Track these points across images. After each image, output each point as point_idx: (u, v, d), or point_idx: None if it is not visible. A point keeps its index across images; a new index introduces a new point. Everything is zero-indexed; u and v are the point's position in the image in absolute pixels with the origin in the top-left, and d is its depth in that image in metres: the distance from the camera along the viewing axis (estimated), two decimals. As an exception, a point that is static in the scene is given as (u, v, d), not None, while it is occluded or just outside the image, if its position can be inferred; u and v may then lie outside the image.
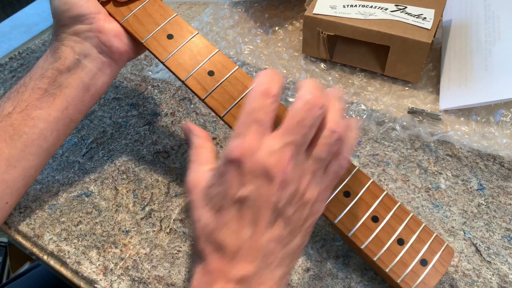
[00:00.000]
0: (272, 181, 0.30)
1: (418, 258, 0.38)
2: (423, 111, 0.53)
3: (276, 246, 0.31)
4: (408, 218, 0.38)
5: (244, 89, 0.40)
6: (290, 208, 0.31)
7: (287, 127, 0.30)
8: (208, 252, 0.31)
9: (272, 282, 0.31)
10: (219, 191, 0.31)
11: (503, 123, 0.51)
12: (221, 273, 0.30)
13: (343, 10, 0.55)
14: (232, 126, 0.39)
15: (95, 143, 0.54)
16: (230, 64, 0.41)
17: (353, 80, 0.58)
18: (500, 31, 0.53)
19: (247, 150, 0.30)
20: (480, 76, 0.52)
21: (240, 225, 0.30)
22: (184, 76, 0.41)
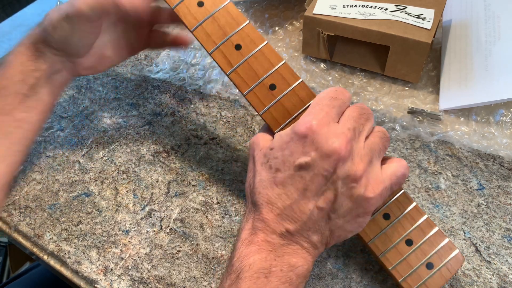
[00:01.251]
0: (330, 156, 0.33)
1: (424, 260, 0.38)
2: (423, 111, 0.53)
3: (319, 216, 0.34)
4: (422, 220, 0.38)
5: (270, 67, 0.39)
6: (341, 184, 0.34)
7: (350, 115, 0.35)
8: (260, 203, 0.35)
9: (306, 244, 0.35)
10: (280, 155, 0.35)
11: (503, 123, 0.51)
12: (268, 224, 0.35)
13: (343, 10, 0.55)
14: (252, 103, 0.39)
15: (95, 143, 0.54)
16: (259, 39, 0.39)
17: (353, 80, 0.58)
18: (500, 31, 0.53)
19: (316, 126, 0.34)
20: (480, 76, 0.52)
21: (291, 188, 0.34)
22: (211, 48, 0.40)
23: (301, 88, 0.38)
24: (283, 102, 0.38)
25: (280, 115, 0.38)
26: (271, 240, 0.35)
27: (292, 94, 0.38)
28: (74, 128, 0.56)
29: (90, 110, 0.57)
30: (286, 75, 0.39)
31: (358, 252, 0.44)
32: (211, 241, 0.45)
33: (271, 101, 0.38)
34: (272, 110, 0.38)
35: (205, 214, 0.47)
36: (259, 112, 0.39)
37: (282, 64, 0.39)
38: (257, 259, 0.34)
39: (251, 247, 0.35)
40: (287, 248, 0.35)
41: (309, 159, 0.34)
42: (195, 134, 0.54)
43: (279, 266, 0.34)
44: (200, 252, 0.45)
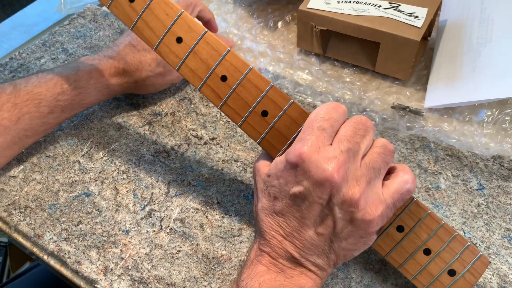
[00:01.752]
0: (323, 185, 0.33)
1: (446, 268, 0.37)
2: (406, 107, 0.53)
3: (320, 241, 0.35)
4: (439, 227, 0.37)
5: (259, 93, 0.38)
6: (338, 210, 0.33)
7: (344, 135, 0.34)
8: (263, 230, 0.36)
9: (313, 267, 0.35)
10: (277, 184, 0.35)
11: (485, 123, 0.51)
12: (273, 249, 0.36)
13: (337, 6, 0.56)
14: (249, 134, 0.38)
15: (95, 143, 0.54)
16: (242, 65, 0.38)
17: (343, 74, 0.59)
18: (493, 34, 0.53)
19: (306, 154, 0.33)
20: (467, 76, 0.52)
21: (290, 217, 0.35)
22: (198, 84, 0.39)
23: (293, 109, 0.37)
24: (277, 127, 0.37)
25: (277, 141, 0.38)
26: (278, 264, 0.35)
27: (285, 117, 0.37)
28: (74, 128, 0.56)
29: (90, 110, 0.57)
30: (276, 98, 0.37)
31: (358, 252, 0.44)
32: (211, 241, 0.45)
33: (266, 129, 0.38)
34: (268, 137, 0.38)
35: (205, 214, 0.47)
36: (255, 141, 0.38)
37: (270, 88, 0.37)
38: (267, 278, 0.35)
39: (260, 267, 0.35)
40: (294, 270, 0.35)
41: (302, 189, 0.33)
42: (195, 134, 0.54)
43: (289, 286, 0.35)
44: (200, 252, 0.45)
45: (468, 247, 0.37)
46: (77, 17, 0.70)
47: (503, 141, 0.50)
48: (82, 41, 0.66)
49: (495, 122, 0.51)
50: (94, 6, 0.72)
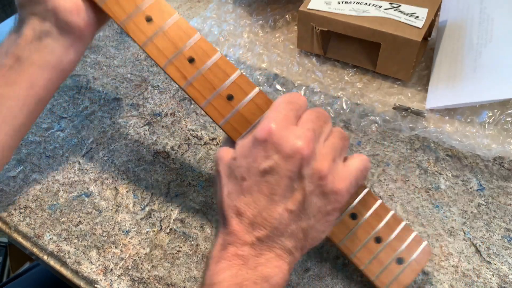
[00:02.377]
0: (293, 157, 0.33)
1: (394, 256, 0.38)
2: (408, 108, 0.53)
3: (290, 219, 0.34)
4: (389, 216, 0.39)
5: (226, 78, 0.38)
6: (308, 183, 0.34)
7: (308, 118, 0.36)
8: (230, 217, 0.35)
9: (280, 251, 0.34)
10: (244, 163, 0.35)
11: (486, 124, 0.51)
12: (238, 236, 0.34)
13: (337, 6, 0.56)
14: (210, 115, 0.38)
15: (95, 143, 0.54)
16: (211, 50, 0.39)
17: (343, 75, 0.59)
18: (493, 34, 0.53)
19: (275, 129, 0.34)
20: (468, 77, 0.52)
21: (258, 195, 0.34)
22: (163, 62, 0.39)
23: (258, 97, 0.38)
24: (242, 112, 0.38)
25: (240, 125, 0.38)
26: (241, 253, 0.34)
27: (251, 103, 0.38)
28: (74, 128, 0.56)
29: (90, 110, 0.57)
30: (243, 85, 0.38)
31: (358, 253, 0.44)
32: (211, 241, 0.45)
33: (230, 112, 0.38)
34: (232, 121, 0.38)
35: (205, 214, 0.47)
36: (218, 124, 0.38)
37: (238, 75, 0.38)
38: (227, 276, 0.33)
39: (221, 263, 0.34)
40: (260, 258, 0.34)
41: (273, 163, 0.33)
42: (195, 134, 0.54)
43: (251, 279, 0.33)
44: (200, 252, 0.45)
45: (415, 236, 0.39)
46: (77, 17, 0.70)
47: (505, 142, 0.50)
48: (82, 41, 0.66)
49: (497, 123, 0.51)
50: (94, 6, 0.71)
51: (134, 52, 0.64)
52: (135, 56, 0.64)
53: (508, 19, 0.53)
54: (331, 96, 0.56)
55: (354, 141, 0.53)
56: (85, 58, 0.64)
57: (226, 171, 0.36)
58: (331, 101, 0.56)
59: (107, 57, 0.64)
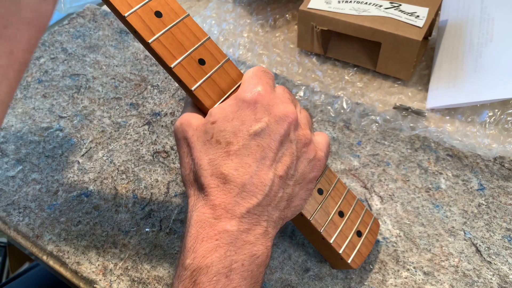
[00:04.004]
0: (284, 120, 0.33)
1: (354, 229, 0.40)
2: (408, 108, 0.53)
3: (279, 185, 0.33)
4: (346, 192, 0.41)
5: (196, 41, 0.36)
6: (295, 147, 0.34)
7: (282, 89, 0.36)
8: (213, 187, 0.32)
9: (267, 223, 0.33)
10: (229, 126, 0.33)
11: (487, 124, 0.51)
12: (225, 208, 0.31)
13: (338, 6, 0.56)
14: (181, 78, 0.35)
15: (94, 143, 0.54)
16: (179, 9, 0.37)
17: (344, 75, 0.59)
18: (493, 33, 0.53)
19: (263, 91, 0.34)
20: (469, 77, 0.52)
21: (248, 159, 0.32)
22: (126, 11, 0.35)
23: (230, 67, 0.37)
24: (215, 79, 0.36)
25: (214, 93, 0.36)
26: (229, 229, 0.31)
27: (223, 72, 0.37)
28: (73, 128, 0.56)
29: (89, 110, 0.57)
30: (213, 51, 0.37)
31: (358, 253, 0.44)
32: (210, 241, 0.45)
33: (203, 77, 0.36)
34: (205, 87, 0.36)
35: (204, 214, 0.47)
36: (190, 88, 0.35)
37: (207, 39, 0.37)
38: (215, 258, 0.30)
39: (207, 243, 0.31)
40: (248, 234, 0.32)
41: (264, 124, 0.33)
42: (194, 134, 0.54)
43: (240, 261, 0.31)
44: (199, 252, 0.45)
45: (366, 211, 0.41)
46: (77, 17, 0.69)
47: (505, 142, 0.50)
48: (81, 40, 0.66)
49: (497, 122, 0.51)
50: (94, 5, 0.71)
51: (134, 52, 0.64)
52: (134, 56, 0.64)
53: (509, 19, 0.53)
54: (332, 96, 0.56)
55: (355, 141, 0.52)
56: (84, 57, 0.64)
57: (202, 138, 0.34)
58: (331, 100, 0.56)
59: (107, 56, 0.64)
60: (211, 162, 0.33)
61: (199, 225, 0.31)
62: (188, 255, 0.31)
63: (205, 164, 0.33)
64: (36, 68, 0.62)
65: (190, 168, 0.34)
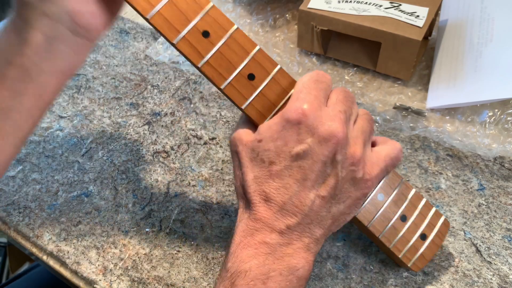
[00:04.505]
0: (328, 141, 0.32)
1: (418, 233, 0.38)
2: (408, 108, 0.53)
3: (321, 206, 0.33)
4: (412, 194, 0.39)
5: (245, 55, 0.35)
6: (341, 168, 0.33)
7: (337, 99, 0.34)
8: (256, 202, 0.33)
9: (309, 240, 0.33)
10: (272, 147, 0.33)
11: (487, 124, 0.51)
12: (266, 223, 0.33)
13: (338, 6, 0.56)
14: (231, 97, 0.35)
15: (94, 143, 0.54)
16: (227, 23, 0.35)
17: (344, 75, 0.59)
18: (493, 33, 0.53)
19: (308, 111, 0.32)
20: (469, 77, 0.52)
21: (289, 180, 0.32)
22: (174, 37, 0.34)
23: (281, 76, 0.36)
24: (265, 93, 0.35)
25: (264, 108, 0.35)
26: (269, 241, 0.32)
27: (273, 83, 0.35)
28: (73, 128, 0.56)
29: (89, 109, 0.57)
30: (263, 62, 0.35)
31: (358, 252, 0.44)
32: (210, 242, 0.45)
33: (253, 93, 0.35)
34: (255, 103, 0.35)
35: (205, 214, 0.47)
36: (241, 107, 0.35)
37: (257, 51, 0.35)
38: (253, 264, 0.32)
39: (247, 250, 0.33)
40: (287, 248, 0.33)
41: (307, 146, 0.32)
42: (195, 134, 0.54)
43: (278, 270, 0.32)
44: (199, 252, 0.45)
45: (435, 211, 0.39)
46: (77, 17, 0.69)
47: (505, 142, 0.50)
48: (81, 40, 0.66)
49: (497, 122, 0.51)
50: (94, 5, 0.71)
51: (134, 52, 0.64)
52: (134, 56, 0.64)
53: (509, 18, 0.53)
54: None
55: (354, 141, 0.52)
56: (85, 57, 0.64)
57: (249, 154, 0.34)
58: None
59: (107, 56, 0.64)
60: (255, 179, 0.34)
61: (242, 235, 0.33)
62: (230, 258, 0.33)
63: (250, 180, 0.34)
64: (36, 68, 0.62)
65: (240, 181, 0.35)
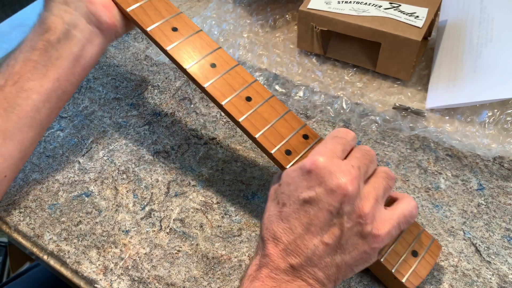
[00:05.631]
0: (335, 192, 0.34)
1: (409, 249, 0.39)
2: (408, 108, 0.53)
3: (324, 252, 0.34)
4: None
5: (244, 83, 0.42)
6: (347, 219, 0.34)
7: (354, 156, 0.37)
8: (266, 239, 0.36)
9: (313, 281, 0.35)
10: (286, 190, 0.36)
11: (486, 124, 0.51)
12: (272, 259, 0.35)
13: (337, 6, 0.56)
14: (231, 113, 0.41)
15: (95, 143, 0.54)
16: (231, 60, 0.43)
17: (344, 75, 0.59)
18: (493, 34, 0.53)
19: (321, 162, 0.35)
20: (468, 77, 0.52)
21: (296, 222, 0.35)
22: (187, 64, 0.42)
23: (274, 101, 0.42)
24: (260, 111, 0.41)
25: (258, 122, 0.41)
26: (275, 276, 0.34)
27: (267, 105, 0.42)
28: (74, 128, 0.56)
29: (90, 110, 0.57)
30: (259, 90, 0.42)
31: (358, 252, 0.44)
32: (211, 241, 0.45)
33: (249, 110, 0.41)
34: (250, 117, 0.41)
35: (205, 214, 0.47)
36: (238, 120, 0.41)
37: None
38: None
39: (255, 283, 0.35)
40: (292, 284, 0.34)
41: (314, 194, 0.34)
42: (195, 134, 0.54)
43: None
44: (200, 252, 0.45)
45: (423, 231, 0.40)
46: (77, 17, 0.70)
47: (505, 142, 0.50)
48: (82, 41, 0.66)
49: (497, 122, 0.51)
50: (94, 6, 0.71)
51: (134, 52, 0.64)
52: (135, 56, 0.64)
53: (509, 19, 0.53)
54: (331, 96, 0.56)
55: (354, 141, 0.53)
56: (85, 58, 0.64)
57: (272, 195, 0.37)
58: (331, 100, 0.56)
59: (107, 56, 0.64)
60: (268, 218, 0.36)
61: (253, 268, 0.36)
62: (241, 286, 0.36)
63: (265, 218, 0.37)
64: (37, 68, 0.62)
65: (262, 218, 0.38)
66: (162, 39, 0.44)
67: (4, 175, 0.42)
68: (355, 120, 0.54)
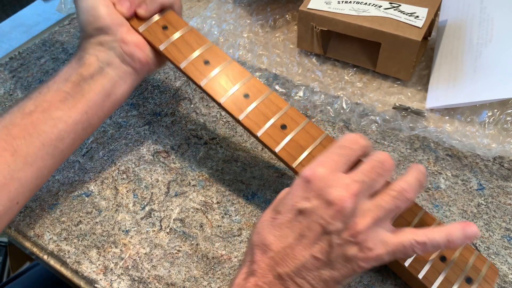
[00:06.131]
0: (331, 206, 0.32)
1: (462, 275, 0.37)
2: (408, 108, 0.53)
3: (313, 265, 0.33)
4: None
5: (278, 110, 0.42)
6: (337, 237, 0.33)
7: (360, 170, 0.34)
8: (256, 245, 0.35)
9: None
10: (283, 198, 0.35)
11: (486, 124, 0.51)
12: (260, 266, 0.34)
13: (337, 6, 0.56)
14: (268, 145, 0.41)
15: (95, 143, 0.54)
16: (264, 88, 0.43)
17: (344, 75, 0.59)
18: (493, 34, 0.53)
19: (320, 173, 0.34)
20: (468, 77, 0.52)
21: (288, 232, 0.34)
22: (220, 98, 0.43)
23: (310, 126, 0.41)
24: (295, 139, 0.41)
25: (294, 150, 0.41)
26: (262, 285, 0.33)
27: (303, 132, 0.41)
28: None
29: (90, 110, 0.57)
30: (294, 116, 0.42)
31: (358, 252, 0.44)
32: (211, 241, 0.45)
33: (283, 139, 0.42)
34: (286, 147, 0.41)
35: (205, 214, 0.47)
36: (273, 150, 0.41)
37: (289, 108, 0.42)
38: None
39: None
40: None
41: (309, 206, 0.33)
42: (195, 134, 0.54)
43: None
44: (200, 252, 0.45)
45: (478, 255, 0.38)
46: (77, 17, 0.70)
47: (505, 142, 0.50)
48: (82, 41, 0.66)
49: (497, 122, 0.51)
50: (94, 6, 0.71)
51: (134, 52, 0.64)
52: (135, 56, 0.64)
53: (509, 19, 0.53)
54: (331, 96, 0.56)
55: (354, 141, 0.53)
56: (85, 58, 0.64)
57: (274, 201, 0.36)
58: (331, 100, 0.56)
59: (107, 57, 0.64)
60: (261, 223, 0.35)
61: (241, 277, 0.35)
62: None
63: (259, 222, 0.36)
64: (37, 68, 0.63)
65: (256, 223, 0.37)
66: (195, 74, 0.44)
67: (17, 202, 0.41)
68: (355, 120, 0.54)
